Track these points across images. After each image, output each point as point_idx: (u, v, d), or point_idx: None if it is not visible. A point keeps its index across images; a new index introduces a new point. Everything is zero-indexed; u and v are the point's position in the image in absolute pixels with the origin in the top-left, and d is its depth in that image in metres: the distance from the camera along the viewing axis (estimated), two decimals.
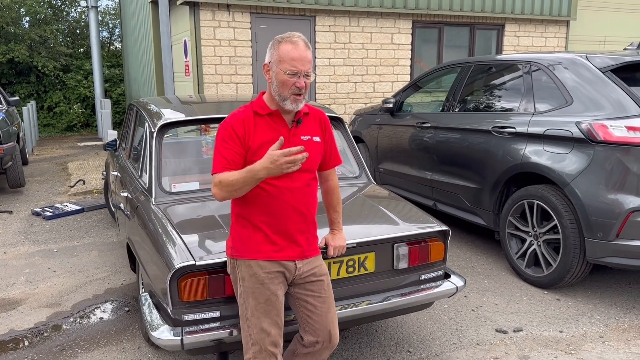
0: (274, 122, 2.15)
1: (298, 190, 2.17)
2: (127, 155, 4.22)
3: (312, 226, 2.25)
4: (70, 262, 4.65)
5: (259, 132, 2.13)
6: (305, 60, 2.05)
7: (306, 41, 2.10)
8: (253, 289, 2.16)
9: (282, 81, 2.06)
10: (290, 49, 2.04)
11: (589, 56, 3.91)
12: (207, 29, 7.49)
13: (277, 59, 2.06)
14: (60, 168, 9.05)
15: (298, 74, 2.05)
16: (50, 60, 14.72)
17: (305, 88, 2.09)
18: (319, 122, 2.29)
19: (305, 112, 2.23)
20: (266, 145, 2.07)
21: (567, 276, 3.74)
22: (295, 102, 2.10)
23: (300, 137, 2.18)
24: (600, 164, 3.52)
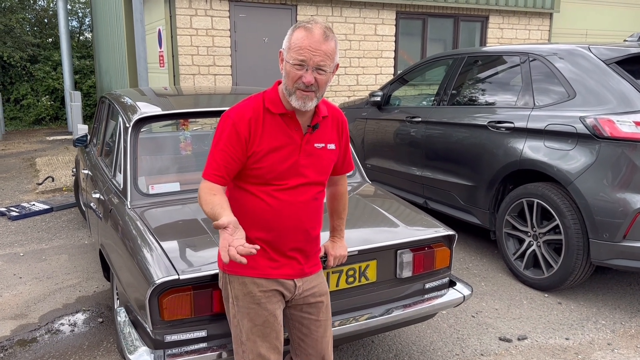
0: (286, 124, 1.84)
1: (303, 205, 1.89)
2: (99, 152, 3.89)
3: (314, 243, 1.99)
4: (38, 267, 4.30)
5: (268, 135, 1.81)
6: (317, 51, 1.69)
7: (326, 29, 1.73)
8: (248, 310, 1.89)
9: (287, 72, 1.76)
10: (302, 36, 1.71)
11: (591, 47, 3.73)
12: (184, 18, 7.13)
13: (288, 46, 1.75)
14: (28, 164, 8.58)
15: (305, 65, 1.71)
16: (17, 51, 14.06)
17: (317, 85, 1.74)
18: (337, 126, 1.97)
19: (324, 114, 1.90)
20: (275, 153, 1.81)
21: (569, 279, 3.57)
22: (302, 99, 1.75)
23: (314, 145, 1.88)
24: (607, 161, 3.34)
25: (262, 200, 1.84)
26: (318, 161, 1.89)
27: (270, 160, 1.81)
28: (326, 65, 1.73)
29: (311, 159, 1.87)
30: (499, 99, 4.23)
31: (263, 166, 1.81)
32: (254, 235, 1.87)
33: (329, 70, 1.76)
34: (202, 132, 4.43)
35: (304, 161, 1.86)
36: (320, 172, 1.91)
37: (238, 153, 1.79)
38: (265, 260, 1.89)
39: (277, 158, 1.82)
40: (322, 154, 1.90)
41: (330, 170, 1.97)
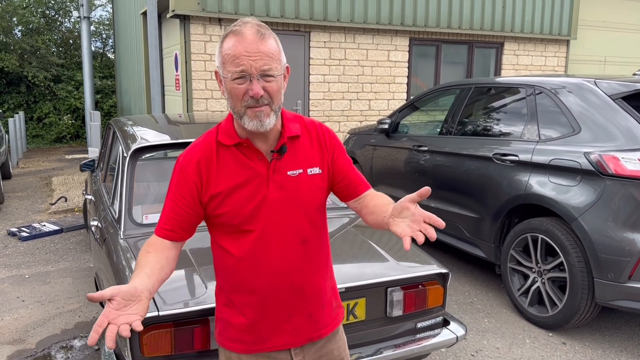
0: (245, 156, 1.49)
1: (285, 253, 1.51)
2: (103, 178, 3.93)
3: (317, 298, 1.58)
4: (42, 290, 4.33)
5: (224, 173, 1.48)
6: (256, 54, 1.37)
7: (259, 26, 1.40)
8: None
9: (229, 92, 1.42)
10: (232, 43, 1.38)
11: (597, 81, 3.67)
12: (198, 43, 7.25)
13: (221, 60, 1.42)
14: (44, 183, 8.74)
15: (247, 76, 1.38)
16: (41, 71, 14.45)
17: (268, 96, 1.41)
18: (318, 143, 1.57)
19: (293, 134, 1.52)
20: (236, 193, 1.47)
21: (574, 318, 3.46)
22: (256, 119, 1.41)
23: (287, 173, 1.50)
24: (611, 199, 3.25)
25: (233, 255, 1.51)
26: (296, 193, 1.50)
27: (232, 202, 1.47)
28: (272, 69, 1.39)
29: (285, 192, 1.49)
30: (504, 131, 4.18)
31: (225, 211, 1.48)
32: (239, 301, 1.54)
33: (278, 73, 1.42)
34: None
35: (276, 195, 1.48)
36: (303, 206, 1.52)
37: (189, 202, 1.49)
38: (252, 333, 1.55)
39: (241, 198, 1.47)
40: (300, 183, 1.51)
41: (320, 201, 1.56)
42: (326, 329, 1.63)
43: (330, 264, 1.67)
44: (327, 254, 1.64)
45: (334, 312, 1.66)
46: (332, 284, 1.67)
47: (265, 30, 1.41)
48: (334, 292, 1.68)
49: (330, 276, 1.67)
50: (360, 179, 1.63)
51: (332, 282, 1.68)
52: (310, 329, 1.59)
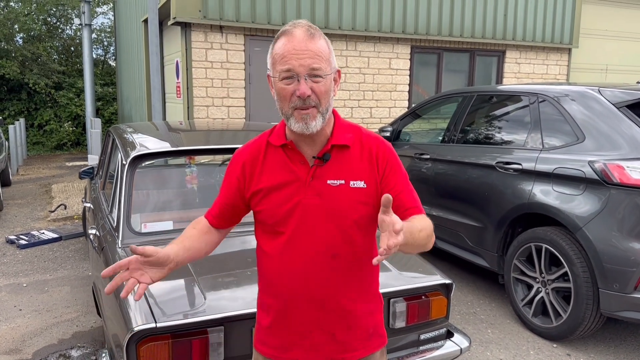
0: (289, 157, 1.48)
1: (313, 264, 1.46)
2: (101, 186, 3.89)
3: (340, 321, 1.49)
4: (39, 299, 4.28)
5: (268, 172, 1.49)
6: (305, 54, 1.35)
7: (309, 27, 1.39)
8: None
9: (278, 93, 1.42)
10: (282, 43, 1.39)
11: (601, 90, 3.64)
12: (199, 51, 7.23)
13: (271, 61, 1.43)
14: (44, 190, 8.70)
15: (295, 75, 1.37)
16: (42, 78, 14.46)
17: (316, 97, 1.38)
18: (369, 157, 1.48)
19: (341, 143, 1.47)
20: (275, 193, 1.47)
21: (578, 329, 3.40)
22: (302, 120, 1.39)
23: (327, 182, 1.45)
24: (616, 208, 3.21)
25: (266, 253, 1.51)
26: (334, 203, 1.44)
27: (269, 201, 1.48)
28: (320, 69, 1.37)
29: (322, 200, 1.45)
30: (507, 139, 4.14)
31: (263, 209, 1.49)
32: (266, 302, 1.54)
33: (326, 74, 1.39)
34: (206, 167, 4.43)
35: (311, 202, 1.45)
36: (339, 217, 1.44)
37: (230, 194, 1.56)
38: (275, 338, 1.53)
39: (278, 199, 1.47)
40: (339, 194, 1.44)
41: (359, 216, 1.46)
42: (353, 354, 1.53)
43: (373, 288, 1.56)
44: (365, 275, 1.52)
45: (368, 339, 1.55)
46: (371, 309, 1.55)
47: (315, 30, 1.40)
48: (374, 319, 1.57)
49: (371, 300, 1.55)
50: (412, 202, 1.48)
51: (373, 307, 1.56)
52: (333, 350, 1.51)
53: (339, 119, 1.53)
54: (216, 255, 2.67)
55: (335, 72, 1.46)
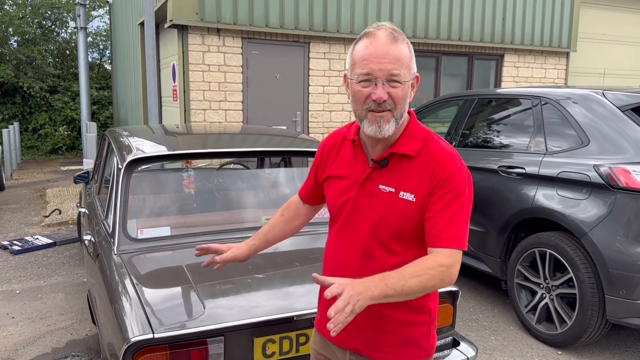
0: (354, 153, 1.54)
1: (352, 259, 1.51)
2: (97, 191, 3.81)
3: (366, 320, 1.51)
4: (33, 306, 4.19)
5: (337, 163, 1.57)
6: (385, 58, 1.34)
7: (393, 30, 1.39)
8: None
9: (353, 94, 1.42)
10: (363, 45, 1.39)
11: (605, 93, 3.59)
12: (196, 54, 7.16)
13: (351, 62, 1.43)
14: (38, 195, 8.59)
15: (373, 79, 1.36)
16: (37, 81, 14.35)
17: (392, 101, 1.37)
18: (427, 172, 1.43)
19: (402, 152, 1.45)
20: (335, 182, 1.55)
21: (584, 336, 3.34)
22: (375, 123, 1.39)
23: (379, 186, 1.46)
24: (622, 213, 3.15)
25: (328, 237, 1.63)
26: (380, 207, 1.45)
27: (331, 190, 1.57)
28: (400, 75, 1.36)
29: (369, 201, 1.48)
30: (510, 143, 4.09)
31: (327, 195, 1.62)
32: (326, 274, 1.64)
33: (405, 80, 1.38)
34: (203, 170, 4.35)
35: (361, 201, 1.49)
36: (381, 224, 1.45)
37: (312, 176, 1.74)
38: (321, 312, 1.67)
39: (336, 189, 1.55)
40: (387, 200, 1.44)
41: (402, 228, 1.44)
42: (376, 354, 1.53)
43: (416, 301, 1.51)
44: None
45: (401, 346, 1.52)
46: (411, 320, 1.52)
47: (399, 34, 1.39)
48: (413, 330, 1.53)
49: (411, 311, 1.51)
50: (444, 232, 1.39)
51: (414, 318, 1.52)
52: (358, 342, 1.55)
53: (413, 124, 1.50)
54: None
55: (414, 78, 1.45)
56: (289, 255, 2.71)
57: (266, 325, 2.09)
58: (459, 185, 1.41)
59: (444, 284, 1.36)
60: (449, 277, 1.36)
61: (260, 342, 2.10)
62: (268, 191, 3.46)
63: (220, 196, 3.38)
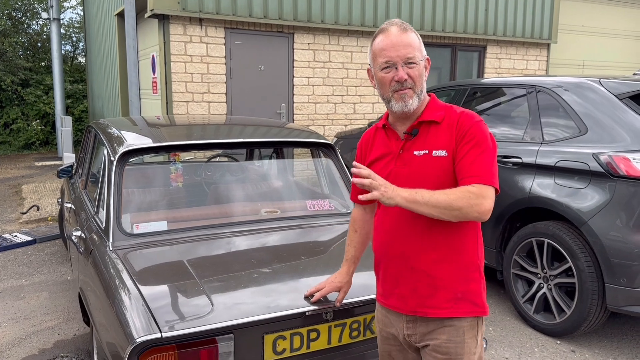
0: (387, 136, 1.78)
1: (399, 224, 1.71)
2: (83, 185, 3.66)
3: (422, 279, 1.67)
4: (16, 306, 4.02)
5: (374, 148, 1.82)
6: (400, 45, 1.63)
7: (402, 23, 1.68)
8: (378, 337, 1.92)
9: (379, 81, 1.70)
10: (380, 39, 1.68)
11: (602, 81, 3.58)
12: (178, 44, 6.98)
13: (372, 56, 1.72)
14: (13, 191, 8.31)
15: (393, 64, 1.64)
16: (8, 74, 13.89)
17: (411, 80, 1.64)
18: (450, 129, 1.66)
19: (428, 119, 1.69)
20: (376, 164, 1.77)
21: (583, 325, 3.34)
22: (401, 100, 1.66)
23: (413, 152, 1.69)
24: (623, 201, 3.15)
25: (376, 215, 1.83)
26: (418, 170, 1.66)
27: (374, 170, 1.69)
28: (414, 57, 1.65)
29: (408, 168, 1.69)
30: (505, 133, 4.06)
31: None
32: (375, 256, 1.84)
33: (418, 61, 1.66)
34: (193, 163, 4.22)
35: (400, 171, 1.70)
36: (422, 183, 1.63)
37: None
38: (380, 286, 1.84)
39: (378, 168, 1.75)
40: (423, 162, 1.66)
41: (442, 182, 1.64)
42: (433, 311, 1.67)
43: (466, 258, 1.68)
44: (452, 242, 1.66)
45: (455, 302, 1.66)
46: (463, 276, 1.67)
47: (407, 26, 1.68)
48: (466, 286, 1.68)
49: (462, 268, 1.67)
50: (470, 171, 1.59)
51: (466, 275, 1.68)
52: (416, 303, 1.69)
53: (434, 101, 1.75)
54: (218, 256, 2.50)
55: (425, 60, 1.71)
56: (293, 249, 2.63)
57: (277, 321, 2.00)
58: (479, 134, 1.63)
59: (472, 210, 1.54)
60: (478, 206, 1.53)
61: (271, 338, 2.01)
62: (267, 183, 3.36)
63: (217, 189, 3.26)
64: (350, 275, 2.02)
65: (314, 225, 2.89)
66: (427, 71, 1.72)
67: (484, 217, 1.57)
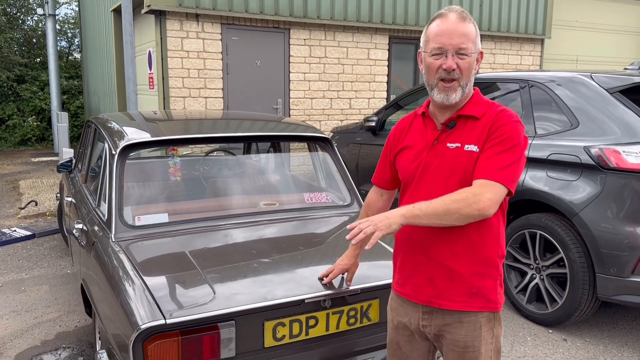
0: (424, 124, 1.76)
1: None
2: (84, 179, 3.71)
3: (439, 270, 1.69)
4: (17, 299, 4.07)
5: (409, 135, 1.80)
6: (455, 33, 1.59)
7: (462, 12, 1.64)
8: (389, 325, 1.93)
9: (427, 66, 1.66)
10: (436, 24, 1.64)
11: (593, 75, 3.65)
12: (175, 40, 7.02)
13: (425, 39, 1.68)
14: (11, 187, 8.33)
15: (444, 51, 1.60)
16: (4, 71, 13.86)
17: (459, 71, 1.60)
18: (485, 125, 1.64)
19: (468, 113, 1.66)
20: (407, 151, 1.77)
21: (574, 314, 3.42)
22: (444, 92, 1.63)
23: (447, 145, 1.67)
24: (613, 193, 3.23)
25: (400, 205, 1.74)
26: (448, 162, 1.65)
27: (403, 159, 1.78)
28: (467, 48, 1.60)
29: (439, 160, 1.67)
30: None
31: (399, 166, 1.81)
32: (398, 238, 1.83)
33: (471, 53, 1.61)
34: (191, 157, 4.27)
35: (431, 161, 1.69)
36: (450, 176, 1.64)
37: (385, 157, 1.91)
38: (396, 274, 1.85)
39: (408, 156, 1.76)
40: (454, 155, 1.65)
41: (471, 177, 1.62)
42: (448, 304, 1.69)
43: (485, 254, 1.67)
44: (473, 237, 1.65)
45: (469, 297, 1.67)
46: (480, 272, 1.67)
47: (466, 15, 1.64)
48: (483, 282, 1.68)
49: (481, 264, 1.67)
50: (484, 170, 1.59)
51: (483, 271, 1.68)
52: (431, 293, 1.71)
53: (478, 96, 1.72)
54: (218, 246, 2.56)
55: (478, 53, 1.67)
56: (291, 240, 2.69)
57: (276, 308, 2.07)
58: (509, 133, 1.60)
59: (470, 208, 1.53)
60: (476, 203, 1.53)
61: (271, 325, 2.08)
62: (265, 176, 3.42)
63: (216, 182, 3.32)
64: (357, 257, 2.09)
65: (312, 217, 2.95)
66: (478, 64, 1.68)
67: (487, 213, 1.54)
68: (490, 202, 1.54)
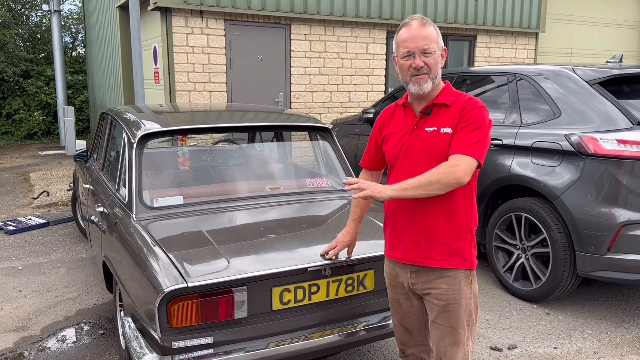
0: (405, 113, 2.10)
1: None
2: (101, 167, 3.98)
3: (422, 234, 2.02)
4: (37, 280, 4.36)
5: (392, 123, 2.13)
6: (418, 38, 1.93)
7: (422, 19, 1.97)
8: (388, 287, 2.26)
9: (400, 67, 2.01)
10: (402, 32, 1.99)
11: (575, 68, 3.91)
12: (180, 36, 7.28)
13: (395, 46, 2.02)
14: (22, 179, 8.62)
15: (412, 53, 1.94)
16: (10, 66, 14.11)
17: (427, 67, 1.93)
18: (457, 109, 1.97)
19: (441, 102, 1.99)
20: (392, 136, 2.09)
21: (556, 290, 3.70)
22: (417, 83, 1.95)
23: (425, 129, 2.00)
24: (591, 177, 3.50)
25: (387, 183, 2.07)
26: (428, 144, 1.98)
27: (388, 143, 2.10)
28: (430, 48, 1.93)
29: (418, 142, 2.00)
30: None
31: (385, 149, 2.14)
32: (386, 215, 2.16)
33: (434, 51, 1.94)
34: (200, 148, 4.56)
35: (413, 143, 2.01)
36: (429, 155, 1.96)
37: (372, 142, 2.24)
38: (387, 241, 2.18)
39: (393, 141, 2.08)
40: (431, 137, 1.98)
41: (446, 155, 1.94)
42: (430, 262, 2.02)
43: (461, 220, 2.01)
44: (450, 204, 1.98)
45: (449, 255, 2.01)
46: (457, 235, 2.01)
47: (427, 21, 1.97)
48: (459, 244, 2.01)
49: (457, 229, 2.00)
50: (458, 146, 1.91)
51: (460, 235, 2.01)
52: (416, 254, 2.04)
53: (449, 88, 2.05)
54: (230, 225, 2.84)
55: (442, 50, 2.00)
56: (295, 219, 2.97)
57: (282, 276, 2.35)
58: (476, 117, 1.94)
59: (448, 178, 1.85)
60: (453, 173, 1.86)
61: (278, 291, 2.36)
62: (270, 164, 3.70)
63: (225, 169, 3.60)
64: (357, 232, 2.40)
65: (313, 200, 3.23)
66: (443, 59, 2.00)
67: (462, 181, 1.87)
68: (464, 172, 1.87)
